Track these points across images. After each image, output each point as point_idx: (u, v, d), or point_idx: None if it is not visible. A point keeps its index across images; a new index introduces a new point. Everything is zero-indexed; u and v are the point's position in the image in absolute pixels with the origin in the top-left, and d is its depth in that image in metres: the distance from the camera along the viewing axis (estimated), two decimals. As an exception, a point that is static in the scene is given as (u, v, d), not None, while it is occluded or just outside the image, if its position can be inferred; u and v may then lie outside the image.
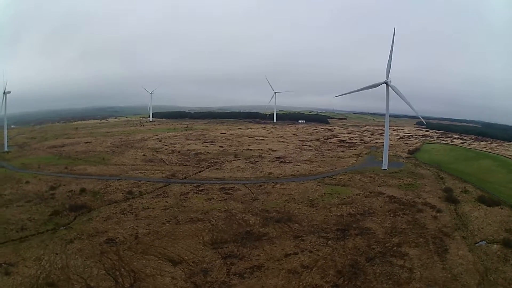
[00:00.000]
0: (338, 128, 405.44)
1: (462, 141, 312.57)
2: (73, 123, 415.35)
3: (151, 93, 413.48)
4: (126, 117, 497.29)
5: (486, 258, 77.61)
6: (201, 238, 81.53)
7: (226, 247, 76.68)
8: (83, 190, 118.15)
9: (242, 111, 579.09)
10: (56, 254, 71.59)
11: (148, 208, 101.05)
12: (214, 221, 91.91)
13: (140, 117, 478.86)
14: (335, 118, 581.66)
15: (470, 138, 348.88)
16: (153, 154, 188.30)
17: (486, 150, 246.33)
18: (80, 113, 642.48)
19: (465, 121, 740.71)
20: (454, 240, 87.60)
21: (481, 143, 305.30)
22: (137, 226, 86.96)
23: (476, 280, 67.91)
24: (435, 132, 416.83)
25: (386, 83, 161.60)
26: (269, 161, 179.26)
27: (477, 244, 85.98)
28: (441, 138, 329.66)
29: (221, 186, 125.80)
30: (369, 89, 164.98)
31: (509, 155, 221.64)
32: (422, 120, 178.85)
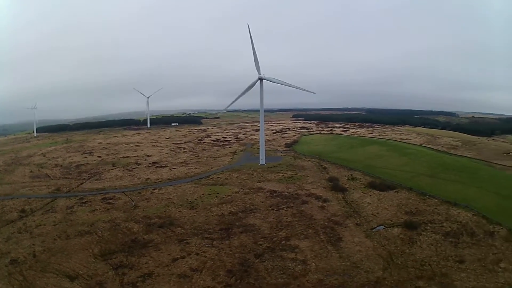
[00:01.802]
0: (211, 128, 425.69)
1: (345, 129, 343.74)
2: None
3: (33, 108, 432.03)
4: (14, 135, 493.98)
5: (387, 243, 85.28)
6: (91, 250, 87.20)
7: (115, 258, 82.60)
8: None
9: (117, 119, 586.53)
10: (-27, 278, 75.20)
11: (40, 225, 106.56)
12: (100, 232, 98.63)
13: (26, 133, 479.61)
14: (208, 118, 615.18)
15: (353, 126, 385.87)
16: (39, 170, 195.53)
17: (373, 136, 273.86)
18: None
19: (347, 109, 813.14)
20: (347, 228, 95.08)
21: (367, 129, 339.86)
22: (33, 244, 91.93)
23: (380, 265, 74.06)
24: (314, 123, 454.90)
25: (261, 79, 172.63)
26: (145, 167, 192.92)
27: (374, 230, 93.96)
28: (321, 129, 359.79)
29: (103, 197, 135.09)
30: (243, 87, 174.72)
31: (400, 139, 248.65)
32: (308, 90, 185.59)
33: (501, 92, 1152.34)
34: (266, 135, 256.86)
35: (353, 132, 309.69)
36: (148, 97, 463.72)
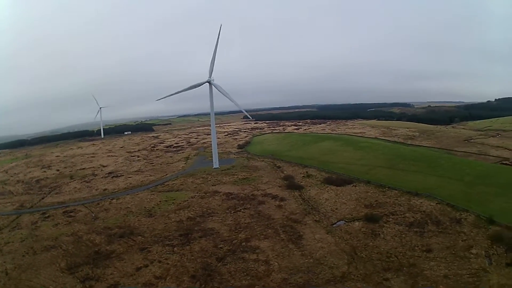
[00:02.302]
0: (163, 134, 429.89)
1: (297, 127, 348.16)
2: None
3: None
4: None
5: (349, 237, 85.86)
6: (57, 265, 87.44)
7: (81, 270, 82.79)
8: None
9: (72, 131, 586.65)
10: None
11: (9, 242, 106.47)
12: (64, 246, 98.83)
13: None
14: (160, 125, 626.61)
15: (305, 123, 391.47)
16: (2, 187, 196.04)
17: (326, 132, 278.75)
18: None
19: (298, 107, 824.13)
20: (307, 225, 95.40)
21: (319, 125, 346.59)
22: (4, 262, 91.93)
23: (344, 260, 74.46)
24: (265, 122, 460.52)
25: (209, 82, 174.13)
26: (102, 177, 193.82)
27: (334, 225, 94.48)
28: (273, 128, 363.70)
29: (64, 210, 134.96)
30: (191, 90, 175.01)
31: (354, 133, 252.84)
32: (247, 114, 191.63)
33: (460, 79, 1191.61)
34: (218, 137, 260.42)
35: (305, 130, 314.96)
36: (100, 108, 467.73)
